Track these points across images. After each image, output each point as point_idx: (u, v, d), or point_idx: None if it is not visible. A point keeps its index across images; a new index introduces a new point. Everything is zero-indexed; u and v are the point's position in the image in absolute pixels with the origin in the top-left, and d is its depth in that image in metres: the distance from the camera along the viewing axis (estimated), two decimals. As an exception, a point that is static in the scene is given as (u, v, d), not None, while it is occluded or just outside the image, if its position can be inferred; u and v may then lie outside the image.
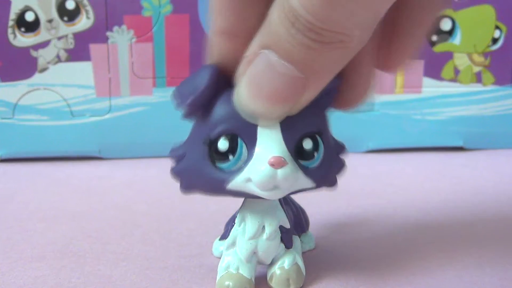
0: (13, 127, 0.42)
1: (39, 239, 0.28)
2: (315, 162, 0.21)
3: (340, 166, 0.22)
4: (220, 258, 0.23)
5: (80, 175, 0.39)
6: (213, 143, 0.20)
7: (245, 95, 0.19)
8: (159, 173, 0.39)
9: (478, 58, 0.44)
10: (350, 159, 0.23)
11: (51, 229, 0.29)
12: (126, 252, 0.26)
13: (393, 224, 0.30)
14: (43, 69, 0.41)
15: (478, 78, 0.45)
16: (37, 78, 0.41)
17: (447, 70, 0.44)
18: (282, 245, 0.22)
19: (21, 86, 0.41)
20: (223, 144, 0.20)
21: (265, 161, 0.19)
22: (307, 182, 0.21)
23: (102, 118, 0.42)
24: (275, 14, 0.18)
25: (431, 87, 0.44)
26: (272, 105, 0.19)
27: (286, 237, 0.22)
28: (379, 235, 0.28)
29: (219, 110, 0.20)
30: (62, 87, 0.42)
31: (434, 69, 0.44)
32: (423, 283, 0.23)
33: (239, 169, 0.20)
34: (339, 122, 0.24)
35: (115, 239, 0.28)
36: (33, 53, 0.41)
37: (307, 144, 0.20)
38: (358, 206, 0.32)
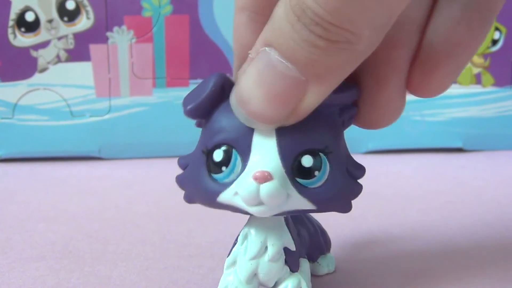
0: (13, 127, 0.42)
1: (39, 239, 0.28)
2: (316, 182, 0.19)
3: (353, 190, 0.20)
4: None
5: (80, 175, 0.39)
6: (210, 153, 0.19)
7: (241, 94, 0.18)
8: (159, 173, 0.39)
9: (478, 60, 0.44)
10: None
11: (50, 229, 0.29)
12: (125, 252, 0.26)
13: (392, 225, 0.30)
14: (43, 69, 0.41)
15: (477, 80, 0.45)
16: (37, 78, 0.41)
17: (447, 71, 0.44)
18: (287, 268, 0.21)
19: (21, 86, 0.41)
20: (218, 155, 0.19)
21: (251, 175, 0.18)
22: (303, 202, 0.19)
23: (102, 118, 0.42)
24: (280, 10, 0.17)
25: (430, 88, 0.44)
26: (268, 107, 0.18)
27: (291, 260, 0.21)
28: (377, 236, 0.28)
29: (218, 119, 0.19)
30: (62, 87, 0.42)
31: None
32: (422, 284, 0.23)
33: (230, 182, 0.19)
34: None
35: (114, 239, 0.28)
36: (33, 53, 0.41)
37: (307, 161, 0.19)
38: (357, 207, 0.32)
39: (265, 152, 0.19)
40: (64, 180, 0.38)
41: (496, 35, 0.44)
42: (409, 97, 0.47)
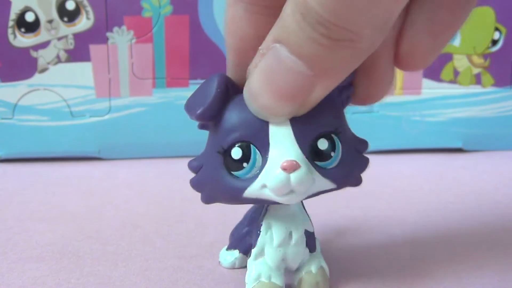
0: (13, 127, 0.42)
1: (39, 239, 0.28)
2: (333, 163, 0.20)
3: (362, 164, 0.22)
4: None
5: (80, 175, 0.39)
6: (226, 152, 0.20)
7: (254, 88, 0.19)
8: (159, 173, 0.39)
9: (478, 60, 0.44)
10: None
11: (50, 229, 0.29)
12: (125, 252, 0.26)
13: (392, 225, 0.30)
14: (43, 70, 0.41)
15: (477, 80, 0.45)
16: (37, 78, 0.41)
17: (447, 72, 0.44)
18: (307, 250, 0.22)
19: (21, 86, 0.41)
20: (236, 153, 0.20)
21: (278, 165, 0.19)
22: (326, 183, 0.20)
23: (102, 118, 0.42)
24: (288, 8, 0.17)
25: (430, 88, 0.44)
26: (279, 101, 0.19)
27: (310, 241, 0.22)
28: (378, 237, 0.28)
29: (230, 118, 0.20)
30: (62, 87, 0.42)
31: (433, 71, 0.44)
32: (422, 284, 0.23)
33: (254, 176, 0.20)
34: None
35: (114, 239, 0.28)
36: (33, 54, 0.41)
37: (323, 144, 0.20)
38: (357, 207, 0.32)
39: (284, 143, 0.19)
40: (64, 180, 0.38)
41: (496, 35, 0.44)
42: (409, 97, 0.47)
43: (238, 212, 0.31)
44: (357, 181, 0.22)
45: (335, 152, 0.20)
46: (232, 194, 0.20)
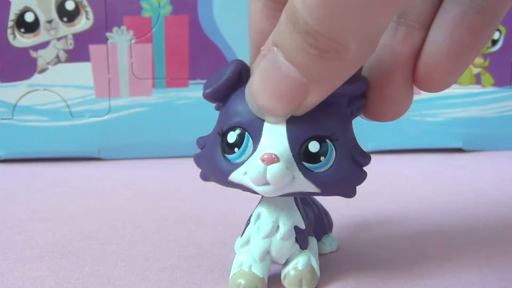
0: (12, 127, 0.42)
1: (38, 239, 0.28)
2: (322, 167, 0.20)
3: (358, 177, 0.21)
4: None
5: (80, 175, 0.39)
6: (224, 134, 0.21)
7: (254, 87, 0.19)
8: (159, 173, 0.39)
9: (478, 60, 0.44)
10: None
11: (50, 229, 0.29)
12: (125, 252, 0.26)
13: (392, 225, 0.30)
14: (43, 70, 0.41)
15: (477, 80, 0.45)
16: (36, 78, 0.41)
17: (447, 72, 0.44)
18: (297, 246, 0.22)
19: (21, 86, 0.41)
20: (231, 137, 0.21)
21: (259, 156, 0.20)
22: (308, 185, 0.20)
23: (102, 118, 0.42)
24: (283, 15, 0.18)
25: (430, 88, 0.44)
26: (276, 102, 0.19)
27: (301, 238, 0.22)
28: (377, 237, 0.28)
29: (233, 103, 0.21)
30: (61, 87, 0.42)
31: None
32: (421, 284, 0.23)
33: (242, 162, 0.20)
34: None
35: (114, 239, 0.28)
36: (33, 54, 0.41)
37: (313, 146, 0.20)
38: (357, 207, 0.32)
39: (274, 136, 0.20)
40: (64, 180, 0.38)
41: (496, 35, 0.44)
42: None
43: (238, 212, 0.31)
44: (349, 193, 0.21)
45: (326, 157, 0.20)
46: (221, 175, 0.21)
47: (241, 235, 0.23)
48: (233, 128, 0.21)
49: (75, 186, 0.37)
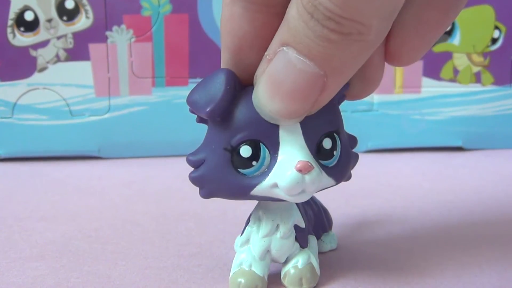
0: (12, 126, 0.42)
1: (38, 238, 0.28)
2: (334, 161, 0.21)
3: (355, 160, 0.22)
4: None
5: (79, 174, 0.39)
6: (234, 150, 0.20)
7: (264, 94, 0.19)
8: (159, 173, 0.39)
9: (477, 58, 0.44)
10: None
11: (50, 228, 0.29)
12: (125, 251, 0.26)
13: (392, 224, 0.30)
14: (43, 69, 0.41)
15: (477, 78, 0.45)
16: (36, 77, 0.41)
17: (446, 70, 0.44)
18: (297, 244, 0.22)
19: (21, 85, 0.41)
20: (245, 151, 0.20)
21: (291, 166, 0.19)
22: (329, 181, 0.21)
23: (101, 117, 0.42)
24: (293, 10, 0.18)
25: (430, 87, 0.44)
26: (291, 103, 0.19)
27: (301, 236, 0.22)
28: (377, 235, 0.28)
29: (239, 116, 0.20)
30: (61, 86, 0.42)
31: (433, 69, 0.44)
32: (421, 283, 0.23)
33: (263, 175, 0.20)
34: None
35: (114, 238, 0.28)
36: (33, 53, 0.41)
37: (327, 143, 0.20)
38: (357, 206, 0.32)
39: (294, 142, 0.20)
40: (64, 179, 0.38)
41: (496, 34, 0.44)
42: (409, 96, 0.47)
43: (238, 210, 0.31)
44: (348, 177, 0.22)
45: (336, 151, 0.21)
46: (240, 191, 0.20)
47: (241, 234, 0.23)
48: (244, 142, 0.20)
49: (75, 185, 0.37)
